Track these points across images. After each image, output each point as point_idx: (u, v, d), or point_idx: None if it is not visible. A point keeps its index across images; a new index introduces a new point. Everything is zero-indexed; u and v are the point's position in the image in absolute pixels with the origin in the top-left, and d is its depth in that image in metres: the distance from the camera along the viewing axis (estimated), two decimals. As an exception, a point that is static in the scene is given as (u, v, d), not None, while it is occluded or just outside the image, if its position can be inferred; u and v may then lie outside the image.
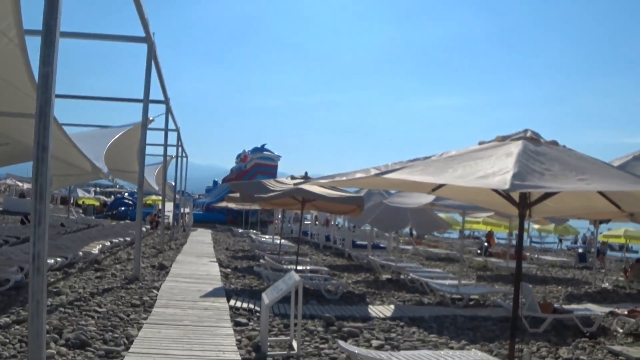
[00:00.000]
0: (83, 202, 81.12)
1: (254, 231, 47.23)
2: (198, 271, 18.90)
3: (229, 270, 20.30)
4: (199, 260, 22.57)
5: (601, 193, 7.81)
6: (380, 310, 14.43)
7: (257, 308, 12.98)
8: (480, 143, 7.17)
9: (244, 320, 11.71)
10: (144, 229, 36.60)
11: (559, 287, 22.56)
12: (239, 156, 74.91)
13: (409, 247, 39.69)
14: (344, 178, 7.20)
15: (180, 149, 43.32)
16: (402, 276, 21.46)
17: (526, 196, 7.18)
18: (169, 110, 26.01)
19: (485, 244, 42.57)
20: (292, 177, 18.09)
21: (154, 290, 14.20)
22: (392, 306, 15.14)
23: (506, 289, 18.75)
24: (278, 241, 29.94)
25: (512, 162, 5.85)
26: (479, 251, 41.13)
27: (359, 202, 16.80)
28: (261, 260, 19.87)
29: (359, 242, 35.08)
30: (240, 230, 47.25)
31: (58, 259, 16.85)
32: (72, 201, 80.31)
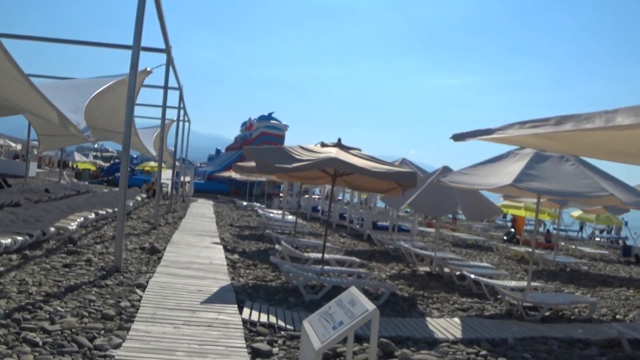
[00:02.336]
0: (77, 165, 77.87)
1: (259, 204, 43.50)
2: (198, 258, 15.09)
3: (236, 256, 16.48)
4: (199, 241, 18.76)
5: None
6: (444, 326, 10.62)
7: (281, 322, 9.23)
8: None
9: (265, 348, 7.90)
10: (138, 198, 32.81)
11: (630, 290, 18.80)
12: (244, 124, 71.57)
13: (431, 230, 35.94)
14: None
15: (182, 111, 39.44)
16: (445, 269, 17.81)
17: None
18: (170, 63, 22.04)
19: (512, 229, 38.94)
20: (323, 144, 14.24)
21: (138, 291, 10.32)
22: (457, 320, 11.34)
23: (590, 297, 15.03)
24: (288, 217, 26.15)
25: None
26: (505, 237, 37.50)
27: (409, 179, 12.96)
28: (277, 247, 16.10)
29: (379, 223, 31.33)
30: (245, 203, 43.54)
31: (18, 237, 13.07)
32: (65, 165, 76.98)
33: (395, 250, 22.70)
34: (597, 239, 51.07)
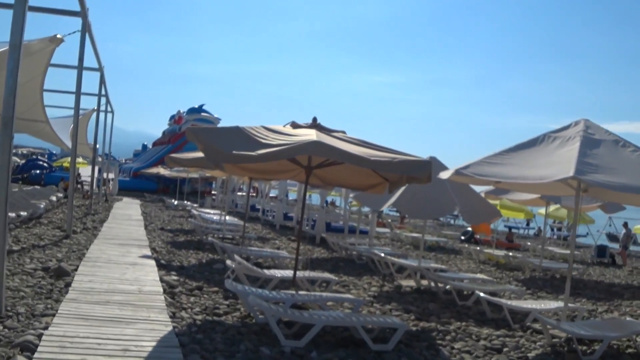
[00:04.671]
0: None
1: (190, 203, 39.35)
2: (123, 282, 10.97)
3: (173, 276, 12.38)
4: (124, 255, 14.60)
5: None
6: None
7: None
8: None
9: None
10: (53, 198, 28.25)
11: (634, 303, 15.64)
12: (172, 117, 67.17)
13: (386, 231, 32.44)
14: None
15: (105, 100, 34.85)
16: (431, 284, 14.34)
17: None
18: (87, 30, 17.73)
19: (469, 228, 35.87)
20: (295, 125, 10.42)
21: (20, 358, 6.31)
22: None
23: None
24: (226, 218, 22.16)
25: None
26: (462, 237, 34.38)
27: (422, 171, 9.25)
28: (228, 262, 12.19)
29: (333, 224, 27.62)
30: (175, 202, 39.26)
31: None
32: None
33: (359, 257, 19.07)
34: (548, 236, 48.45)
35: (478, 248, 25.62)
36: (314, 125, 10.36)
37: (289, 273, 11.95)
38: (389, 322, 8.62)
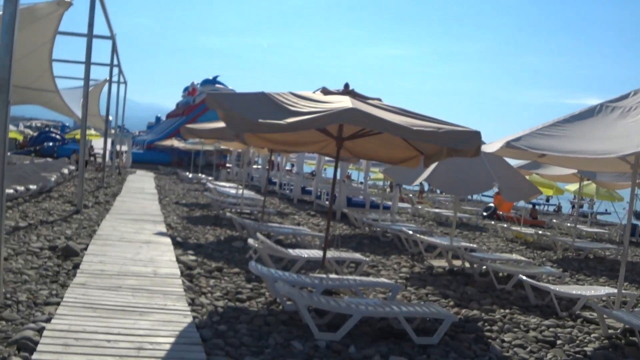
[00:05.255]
0: (4, 135, 71.40)
1: (204, 176, 38.48)
2: (136, 263, 10.05)
3: (191, 256, 11.46)
4: (137, 232, 13.70)
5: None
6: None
7: None
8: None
9: None
10: (65, 171, 27.40)
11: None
12: (186, 89, 66.26)
13: (407, 206, 31.41)
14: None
15: (117, 70, 33.88)
16: (465, 265, 13.42)
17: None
18: (97, -6, 16.73)
19: (491, 204, 34.80)
20: (326, 91, 9.40)
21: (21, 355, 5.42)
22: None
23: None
24: (243, 192, 21.18)
25: None
26: (484, 213, 33.31)
27: (471, 143, 8.22)
28: (251, 242, 11.22)
29: (354, 199, 26.66)
30: (190, 175, 38.38)
31: None
32: None
33: (384, 234, 18.12)
34: (569, 212, 47.29)
35: (505, 225, 24.58)
36: (347, 91, 9.34)
37: (315, 253, 11.01)
38: (435, 312, 7.67)
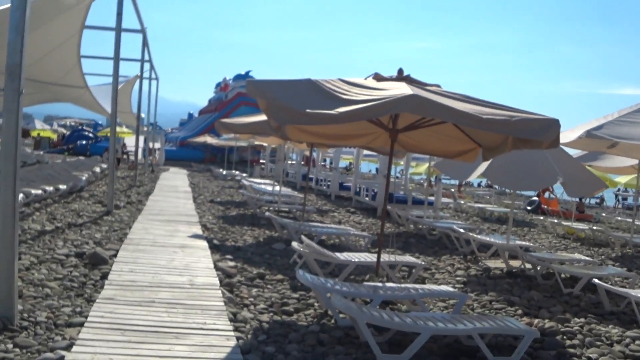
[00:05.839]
0: (38, 134, 71.83)
1: (238, 173, 37.69)
2: (170, 271, 9.10)
3: (229, 262, 10.51)
4: (171, 234, 12.78)
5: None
6: None
7: None
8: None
9: None
10: (97, 169, 26.73)
11: None
12: (218, 85, 65.65)
13: (448, 201, 30.23)
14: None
15: (148, 66, 33.14)
16: (523, 266, 12.35)
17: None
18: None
19: (535, 198, 33.49)
20: (379, 77, 8.39)
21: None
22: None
23: None
24: (280, 189, 20.19)
25: None
26: (528, 208, 32.02)
27: (550, 132, 7.16)
28: (295, 246, 10.25)
29: (396, 194, 25.57)
30: (224, 172, 37.59)
31: None
32: (27, 134, 72.05)
33: (430, 232, 17.09)
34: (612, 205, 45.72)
35: (555, 221, 23.35)
36: (402, 77, 8.33)
37: (366, 257, 10.03)
38: (514, 329, 6.63)
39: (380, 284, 8.12)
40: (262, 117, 15.81)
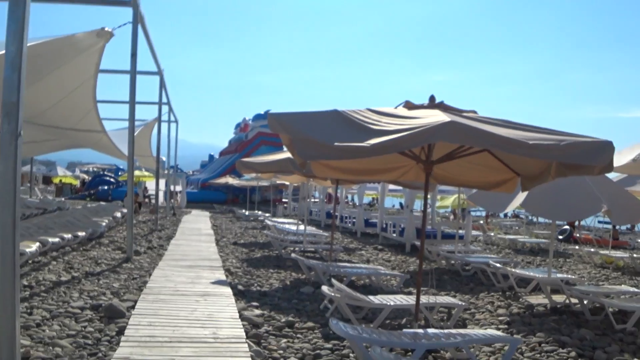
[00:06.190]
0: (60, 180, 72.09)
1: (261, 213, 37.13)
2: (192, 323, 8.36)
3: (255, 309, 9.81)
4: (194, 281, 12.07)
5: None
6: None
7: None
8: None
9: None
10: (118, 214, 26.23)
11: None
12: (238, 125, 65.50)
13: (477, 233, 29.36)
14: None
15: (167, 108, 32.84)
16: (569, 301, 11.54)
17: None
18: (139, 21, 15.40)
19: (567, 227, 32.52)
20: (411, 105, 7.76)
21: None
22: None
23: None
24: (305, 228, 19.46)
25: None
26: (560, 237, 31.04)
27: (604, 156, 6.49)
28: (325, 290, 9.56)
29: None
30: (246, 213, 37.01)
31: None
32: (49, 181, 72.29)
33: (463, 267, 16.34)
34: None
35: (592, 250, 22.42)
36: (435, 104, 7.71)
37: (401, 299, 9.32)
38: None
39: (421, 331, 7.41)
40: (284, 155, 15.25)
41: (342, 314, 9.33)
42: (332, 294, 9.18)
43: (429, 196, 29.30)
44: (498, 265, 13.94)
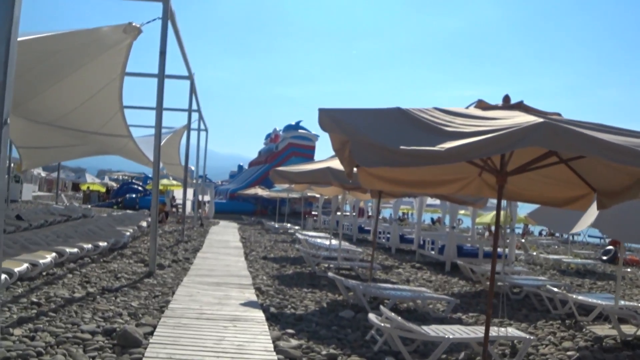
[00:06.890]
0: (88, 187, 71.85)
1: (291, 225, 36.07)
2: (219, 357, 7.10)
3: (292, 339, 8.56)
4: (221, 302, 10.82)
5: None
6: None
7: None
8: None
9: None
10: (143, 224, 25.24)
11: None
12: (268, 136, 64.60)
13: (519, 252, 27.91)
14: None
15: (197, 116, 31.85)
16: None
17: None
18: (169, 17, 14.32)
19: (610, 247, 30.93)
20: (485, 105, 6.55)
21: None
22: None
23: None
24: (335, 242, 18.22)
25: None
26: (604, 257, 29.45)
27: None
28: (373, 319, 8.33)
29: (465, 247, 23.40)
30: (276, 225, 35.92)
31: None
32: (77, 188, 72.26)
33: (513, 290, 15.04)
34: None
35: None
36: (512, 105, 6.49)
37: (460, 331, 8.06)
38: None
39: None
40: (321, 165, 14.08)
41: (391, 345, 8.11)
42: (382, 324, 7.94)
43: (469, 212, 28.12)
44: (556, 290, 12.61)
